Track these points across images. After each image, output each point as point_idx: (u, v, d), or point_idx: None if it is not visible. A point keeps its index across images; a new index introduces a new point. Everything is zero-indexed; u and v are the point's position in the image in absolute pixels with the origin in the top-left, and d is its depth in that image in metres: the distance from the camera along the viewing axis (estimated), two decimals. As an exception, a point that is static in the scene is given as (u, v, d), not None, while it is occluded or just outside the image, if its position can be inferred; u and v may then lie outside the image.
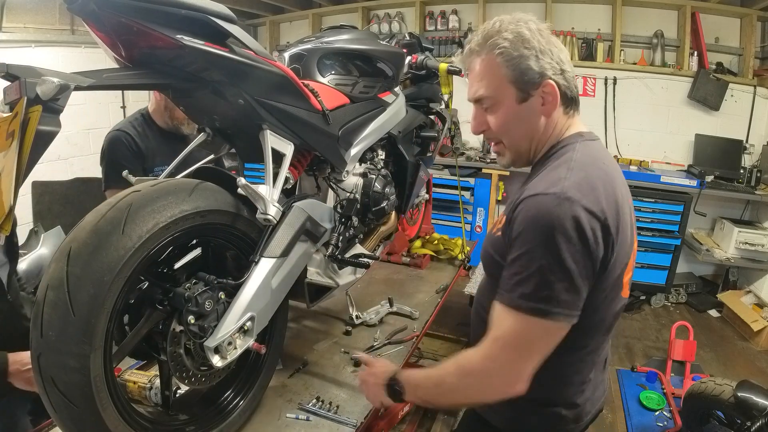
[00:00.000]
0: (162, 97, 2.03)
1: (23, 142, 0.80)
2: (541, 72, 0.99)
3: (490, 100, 1.04)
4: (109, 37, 1.02)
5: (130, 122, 2.10)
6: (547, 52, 0.99)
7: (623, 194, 0.99)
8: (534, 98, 1.01)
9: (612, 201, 0.93)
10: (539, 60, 0.98)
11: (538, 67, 0.98)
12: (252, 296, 1.14)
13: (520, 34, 0.99)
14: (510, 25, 1.00)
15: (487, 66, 1.02)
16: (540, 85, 1.00)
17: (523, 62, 0.98)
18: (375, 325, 1.94)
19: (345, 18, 5.07)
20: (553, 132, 1.06)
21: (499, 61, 1.00)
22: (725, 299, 4.04)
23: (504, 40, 0.99)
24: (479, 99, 1.05)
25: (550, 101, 1.01)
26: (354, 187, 1.65)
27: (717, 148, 4.25)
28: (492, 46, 1.00)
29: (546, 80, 0.99)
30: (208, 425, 1.24)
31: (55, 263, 0.90)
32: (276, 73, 1.21)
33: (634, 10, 4.37)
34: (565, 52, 1.03)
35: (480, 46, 1.02)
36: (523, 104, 1.02)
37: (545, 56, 0.99)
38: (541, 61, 0.98)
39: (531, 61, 0.98)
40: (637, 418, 2.72)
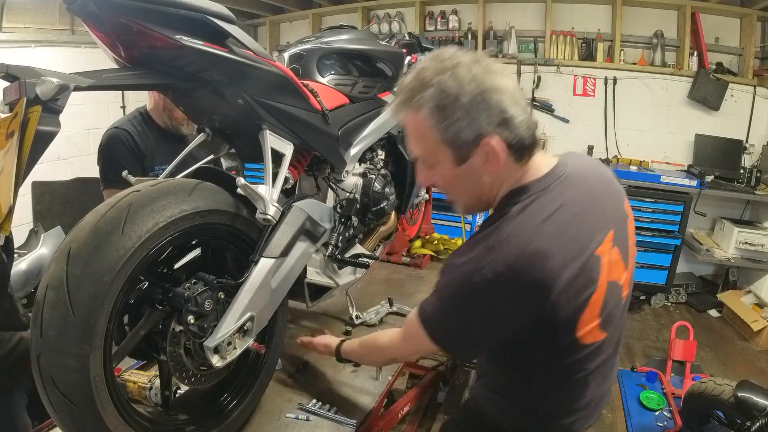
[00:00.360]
0: (161, 96, 2.03)
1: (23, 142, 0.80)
2: (476, 131, 0.88)
3: (427, 160, 0.97)
4: (108, 38, 1.02)
5: (129, 120, 2.09)
6: (481, 103, 0.87)
7: (577, 246, 0.90)
8: (474, 157, 0.92)
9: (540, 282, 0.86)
10: (472, 118, 0.87)
11: (471, 126, 0.88)
12: (252, 296, 1.14)
13: (445, 90, 0.87)
14: (436, 76, 0.88)
15: (417, 126, 0.92)
16: (477, 145, 0.90)
17: (453, 125, 0.88)
18: (375, 325, 1.94)
19: (345, 18, 5.07)
20: (504, 185, 0.98)
21: (427, 123, 0.90)
22: (725, 299, 4.04)
23: (429, 100, 0.88)
24: (417, 158, 0.99)
25: (493, 158, 0.91)
26: (354, 187, 1.65)
27: (717, 148, 4.25)
28: (417, 105, 0.90)
29: (483, 139, 0.89)
30: (207, 425, 1.24)
31: (55, 263, 0.90)
32: (275, 74, 1.21)
33: (634, 10, 4.37)
34: (508, 89, 0.89)
35: (405, 103, 0.93)
36: (463, 165, 0.93)
37: (479, 111, 0.87)
38: (474, 118, 0.87)
39: (462, 122, 0.87)
40: (637, 418, 2.72)
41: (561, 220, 0.90)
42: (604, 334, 1.00)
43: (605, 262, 0.95)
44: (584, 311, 0.94)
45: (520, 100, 0.91)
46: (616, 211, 1.02)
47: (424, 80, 0.89)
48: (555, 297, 0.88)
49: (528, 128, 0.92)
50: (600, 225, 0.96)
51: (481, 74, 0.87)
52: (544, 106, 4.67)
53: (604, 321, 0.98)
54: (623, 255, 1.01)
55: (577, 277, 0.90)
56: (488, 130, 0.88)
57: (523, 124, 0.91)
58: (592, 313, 0.95)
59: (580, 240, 0.92)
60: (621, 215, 1.03)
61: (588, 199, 0.97)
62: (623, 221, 1.04)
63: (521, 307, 0.90)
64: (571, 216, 0.92)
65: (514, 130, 0.90)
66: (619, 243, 0.99)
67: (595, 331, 0.98)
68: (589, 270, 0.92)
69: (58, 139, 0.84)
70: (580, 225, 0.92)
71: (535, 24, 4.61)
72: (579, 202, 0.94)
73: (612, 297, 0.99)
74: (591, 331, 0.97)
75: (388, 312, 2.03)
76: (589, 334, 0.97)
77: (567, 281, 0.88)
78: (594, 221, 0.95)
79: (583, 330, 0.95)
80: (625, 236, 1.03)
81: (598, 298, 0.95)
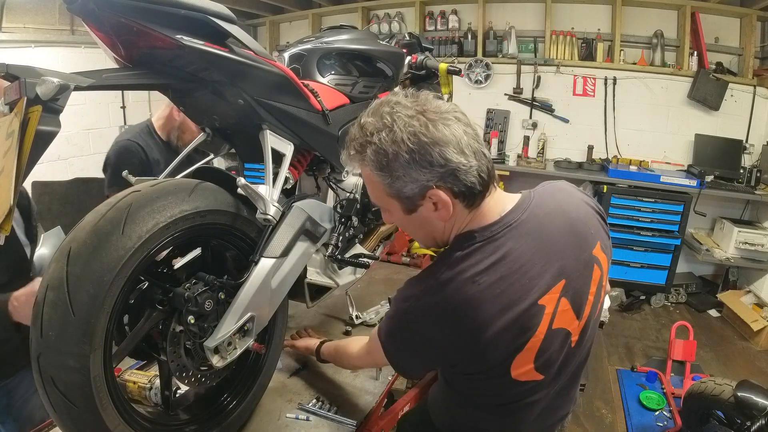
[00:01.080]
0: (180, 115, 2.04)
1: (23, 143, 0.80)
2: (420, 185, 0.88)
3: (382, 206, 1.01)
4: (108, 38, 1.02)
5: (138, 133, 2.12)
6: (421, 159, 0.86)
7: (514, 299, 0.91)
8: (423, 207, 0.93)
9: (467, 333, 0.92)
10: (412, 174, 0.87)
11: (414, 182, 0.88)
12: (252, 296, 1.14)
13: (383, 149, 0.87)
14: (375, 134, 0.88)
15: (366, 177, 0.96)
16: (423, 197, 0.91)
17: (396, 182, 0.89)
18: (375, 325, 1.94)
19: (345, 18, 5.07)
20: (456, 226, 0.98)
21: (373, 178, 0.92)
22: (725, 299, 4.04)
23: (370, 158, 0.89)
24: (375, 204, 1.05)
25: (442, 207, 0.91)
26: (354, 187, 1.65)
27: (717, 148, 4.25)
28: (362, 160, 0.92)
29: (428, 192, 0.89)
30: (208, 425, 1.24)
31: (55, 263, 0.90)
32: (276, 73, 1.21)
33: (633, 10, 4.37)
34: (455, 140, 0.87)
35: (353, 156, 0.94)
36: (413, 214, 0.95)
37: (419, 166, 0.86)
38: (414, 174, 0.87)
39: (403, 179, 0.88)
40: (637, 417, 2.72)
41: (500, 271, 0.91)
42: (541, 376, 1.01)
43: (548, 311, 0.95)
44: (518, 354, 0.95)
45: (468, 147, 0.88)
46: (577, 259, 0.99)
47: (366, 136, 0.90)
48: (485, 342, 0.91)
49: (478, 174, 0.90)
50: (547, 275, 0.94)
51: (421, 128, 0.86)
52: (543, 106, 4.67)
53: (541, 365, 0.99)
54: (577, 305, 0.99)
55: (512, 326, 0.92)
56: (431, 183, 0.89)
57: (471, 172, 0.89)
58: (527, 356, 0.96)
59: (518, 292, 0.92)
60: (583, 263, 1.00)
61: (536, 249, 0.94)
62: (585, 270, 1.00)
63: (452, 344, 0.95)
64: (511, 268, 0.91)
65: (460, 180, 0.89)
66: (572, 294, 0.98)
67: (530, 372, 0.99)
68: (527, 319, 0.93)
69: (58, 139, 0.84)
70: (520, 278, 0.92)
71: (535, 24, 4.61)
72: (524, 253, 0.93)
73: (553, 344, 0.98)
74: (526, 372, 0.99)
75: (388, 312, 2.03)
76: (525, 374, 0.99)
77: (499, 329, 0.91)
78: (538, 273, 0.93)
79: (517, 371, 0.98)
80: (583, 286, 1.00)
81: (534, 345, 0.95)
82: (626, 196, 4.09)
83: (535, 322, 0.94)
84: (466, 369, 1.01)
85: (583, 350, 1.10)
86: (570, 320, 1.00)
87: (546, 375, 1.01)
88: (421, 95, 0.93)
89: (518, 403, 1.05)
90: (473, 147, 0.89)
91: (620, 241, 4.12)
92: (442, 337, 0.95)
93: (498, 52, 4.67)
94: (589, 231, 1.03)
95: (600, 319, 1.14)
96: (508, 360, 0.96)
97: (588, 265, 1.01)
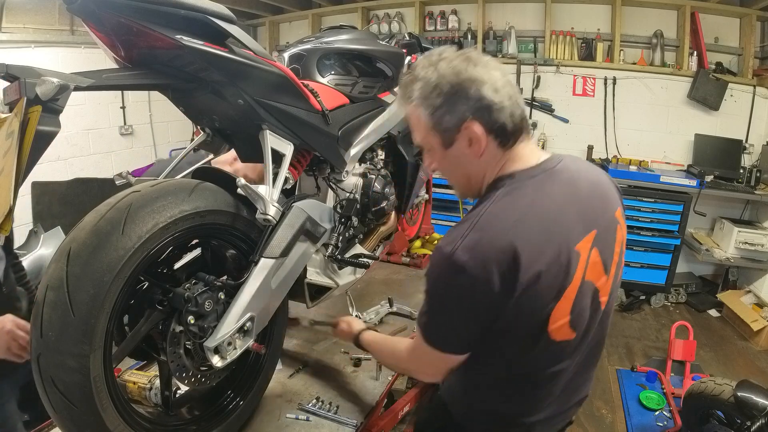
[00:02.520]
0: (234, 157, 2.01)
1: (23, 143, 0.80)
2: (458, 116, 0.96)
3: (424, 146, 1.06)
4: (108, 38, 1.02)
5: None
6: (462, 92, 0.95)
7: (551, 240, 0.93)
8: (458, 142, 0.99)
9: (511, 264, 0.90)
10: (451, 105, 0.96)
11: (452, 112, 0.96)
12: (252, 296, 1.14)
13: (428, 82, 0.97)
14: (422, 71, 0.98)
15: (412, 116, 1.03)
16: (459, 130, 0.97)
17: (436, 111, 0.97)
18: (375, 325, 1.94)
19: (345, 18, 5.07)
20: (491, 169, 1.02)
21: (418, 112, 1.00)
22: (725, 299, 4.04)
23: (417, 92, 0.98)
24: (419, 145, 1.08)
25: (475, 142, 0.98)
26: (354, 187, 1.65)
27: (716, 147, 4.25)
28: (408, 97, 1.01)
29: (464, 123, 0.96)
30: (208, 425, 1.24)
31: (55, 263, 0.90)
32: (275, 74, 1.21)
33: (633, 10, 4.37)
34: (491, 80, 0.95)
35: (402, 98, 1.04)
36: (450, 149, 1.01)
37: (457, 98, 0.95)
38: (453, 106, 0.96)
39: (443, 109, 0.96)
40: (637, 417, 2.72)
41: (542, 212, 0.95)
42: (573, 334, 1.01)
43: (583, 259, 0.97)
44: (558, 303, 0.95)
45: (504, 90, 0.96)
46: (604, 214, 1.03)
47: (414, 75, 0.99)
48: (530, 281, 0.91)
49: (511, 115, 0.97)
50: (581, 223, 0.98)
51: (461, 66, 0.95)
52: (543, 106, 4.67)
53: (575, 319, 0.99)
54: (605, 260, 1.02)
55: (554, 266, 0.93)
56: (467, 116, 0.95)
57: (505, 111, 0.96)
58: (565, 307, 0.97)
59: (559, 234, 0.95)
60: (609, 220, 1.04)
61: (572, 195, 1.00)
62: (611, 227, 1.04)
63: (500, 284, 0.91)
64: (551, 210, 0.96)
65: (493, 116, 0.96)
66: (602, 247, 1.00)
67: (565, 327, 0.99)
68: (567, 263, 0.95)
69: (58, 139, 0.84)
70: (560, 220, 0.96)
71: (535, 24, 4.61)
72: (562, 197, 0.98)
73: (585, 298, 1.00)
74: (562, 327, 0.98)
75: (388, 312, 2.03)
76: (560, 329, 0.98)
77: (544, 267, 0.92)
78: (575, 218, 0.97)
79: (555, 324, 0.97)
80: (610, 243, 1.03)
81: (571, 294, 0.96)
82: (626, 196, 4.04)
83: (573, 268, 0.96)
84: (508, 322, 0.96)
85: (606, 319, 1.10)
86: (599, 274, 1.02)
87: (576, 333, 1.02)
88: (468, 49, 1.02)
89: (544, 372, 1.03)
90: (508, 91, 0.97)
91: (620, 241, 4.11)
92: (488, 276, 0.91)
93: (498, 52, 4.67)
94: (612, 193, 1.09)
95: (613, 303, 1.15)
96: (549, 306, 0.95)
97: (612, 222, 1.05)
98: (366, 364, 1.67)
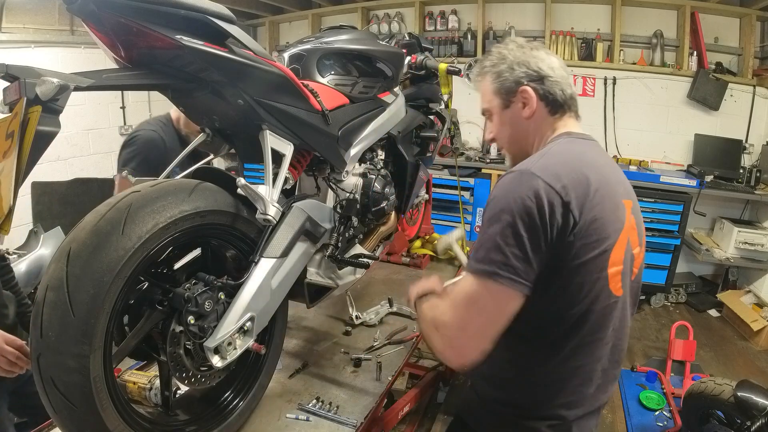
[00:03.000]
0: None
1: (23, 143, 0.80)
2: (516, 80, 1.13)
3: (487, 111, 1.22)
4: (108, 38, 1.02)
5: (161, 127, 2.13)
6: (523, 63, 1.13)
7: (607, 185, 1.03)
8: (514, 104, 1.15)
9: (581, 185, 0.97)
10: (514, 71, 1.13)
11: (513, 76, 1.13)
12: (252, 296, 1.14)
13: (500, 54, 1.16)
14: (496, 49, 1.18)
15: (482, 85, 1.20)
16: (517, 92, 1.13)
17: (500, 75, 1.15)
18: (375, 325, 1.94)
19: (344, 18, 5.07)
20: (541, 133, 1.16)
21: (487, 80, 1.18)
22: (725, 299, 4.04)
23: (488, 61, 1.18)
24: (483, 112, 1.23)
25: (529, 104, 1.13)
26: (354, 188, 1.65)
27: (716, 147, 4.25)
28: (482, 68, 1.20)
29: (521, 87, 1.13)
30: (208, 425, 1.24)
31: (55, 263, 0.90)
32: (275, 74, 1.21)
33: (633, 10, 4.37)
34: (549, 62, 1.13)
35: (477, 71, 1.22)
36: (507, 110, 1.17)
37: (521, 67, 1.13)
38: (516, 71, 1.13)
39: (506, 73, 1.14)
40: (637, 417, 2.72)
41: (596, 160, 1.07)
42: (621, 291, 1.05)
43: (628, 215, 1.07)
44: (615, 246, 1.00)
45: (559, 71, 1.13)
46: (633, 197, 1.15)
47: (490, 53, 1.19)
48: (595, 205, 0.97)
49: (561, 89, 1.13)
50: (621, 186, 1.11)
51: (527, 48, 1.15)
52: (543, 106, 4.67)
53: (624, 271, 1.05)
54: (639, 233, 1.11)
55: (611, 204, 1.02)
56: (524, 81, 1.12)
57: (557, 85, 1.12)
58: (619, 253, 1.02)
59: (608, 182, 1.04)
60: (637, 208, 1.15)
61: (614, 166, 1.14)
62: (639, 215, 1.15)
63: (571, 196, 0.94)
64: (602, 162, 1.09)
65: (546, 86, 1.12)
66: (637, 221, 1.11)
67: (618, 277, 1.03)
68: (619, 210, 1.04)
69: (57, 139, 0.84)
70: (607, 173, 1.07)
71: (535, 24, 4.61)
72: (608, 161, 1.14)
73: (628, 254, 1.06)
74: (616, 276, 1.03)
75: (388, 312, 2.03)
76: (614, 277, 1.02)
77: (603, 200, 0.99)
78: (616, 180, 1.10)
79: (613, 267, 1.01)
80: (641, 225, 1.14)
81: (623, 241, 1.03)
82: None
83: (622, 214, 1.05)
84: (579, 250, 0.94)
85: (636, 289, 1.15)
86: (635, 241, 1.09)
87: (623, 293, 1.07)
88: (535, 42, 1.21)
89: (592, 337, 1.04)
90: (561, 73, 1.14)
91: (620, 241, 4.12)
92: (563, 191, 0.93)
93: (498, 52, 4.67)
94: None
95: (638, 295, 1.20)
96: (607, 246, 0.99)
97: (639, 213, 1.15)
98: (366, 364, 1.67)
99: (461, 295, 0.97)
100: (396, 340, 1.83)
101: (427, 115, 2.14)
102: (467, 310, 0.96)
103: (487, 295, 0.94)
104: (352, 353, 1.70)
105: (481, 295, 0.94)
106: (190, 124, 2.10)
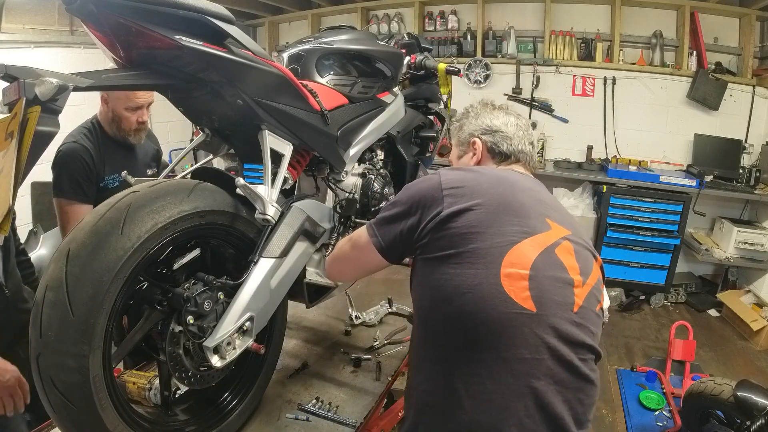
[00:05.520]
0: (108, 107, 2.02)
1: (22, 143, 0.80)
2: (470, 133, 1.32)
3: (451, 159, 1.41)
4: (107, 38, 1.02)
5: (84, 134, 2.01)
6: (480, 119, 1.31)
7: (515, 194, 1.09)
8: (467, 154, 1.33)
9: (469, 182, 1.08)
10: (468, 126, 1.33)
11: (469, 130, 1.32)
12: (251, 296, 1.14)
13: (465, 111, 1.39)
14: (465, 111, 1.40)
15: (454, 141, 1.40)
16: (469, 143, 1.32)
17: (459, 131, 1.36)
18: (374, 325, 1.94)
19: (344, 18, 5.07)
20: None
21: (453, 136, 1.41)
22: (725, 299, 4.04)
23: (456, 124, 1.40)
24: None
25: (478, 154, 1.30)
26: (353, 188, 1.65)
27: (716, 147, 4.25)
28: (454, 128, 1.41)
29: (472, 138, 1.30)
30: (207, 426, 1.24)
31: (54, 263, 0.90)
32: (274, 74, 1.21)
33: (633, 10, 4.37)
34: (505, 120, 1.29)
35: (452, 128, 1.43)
36: (461, 159, 1.35)
37: (473, 122, 1.32)
38: (469, 126, 1.32)
39: (464, 127, 1.34)
40: (636, 417, 2.72)
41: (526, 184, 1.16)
42: (533, 306, 0.95)
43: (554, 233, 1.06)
44: (514, 247, 0.99)
45: (512, 128, 1.29)
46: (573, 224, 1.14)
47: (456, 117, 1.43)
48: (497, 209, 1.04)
49: (508, 145, 1.27)
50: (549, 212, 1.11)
51: (487, 108, 1.35)
52: (543, 106, 4.67)
53: (534, 284, 0.96)
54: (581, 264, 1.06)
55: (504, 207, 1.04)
56: (476, 134, 1.31)
57: (504, 140, 1.28)
58: (525, 256, 0.99)
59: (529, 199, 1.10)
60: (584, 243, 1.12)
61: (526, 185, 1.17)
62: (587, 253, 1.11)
63: (438, 195, 1.07)
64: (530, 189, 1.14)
65: (500, 140, 1.28)
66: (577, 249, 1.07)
67: (522, 283, 0.95)
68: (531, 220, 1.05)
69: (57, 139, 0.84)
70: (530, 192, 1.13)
71: (535, 24, 4.61)
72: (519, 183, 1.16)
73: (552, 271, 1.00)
74: (517, 280, 0.95)
75: (388, 312, 2.03)
76: (515, 282, 0.95)
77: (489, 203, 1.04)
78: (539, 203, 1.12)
79: (508, 268, 0.96)
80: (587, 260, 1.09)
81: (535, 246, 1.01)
82: (626, 196, 4.09)
83: (536, 221, 1.06)
84: (448, 238, 1.01)
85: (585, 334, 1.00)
86: (573, 267, 1.04)
87: (537, 308, 0.95)
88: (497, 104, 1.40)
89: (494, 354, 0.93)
90: (515, 131, 1.29)
91: (620, 241, 4.12)
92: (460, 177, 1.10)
93: (497, 52, 4.67)
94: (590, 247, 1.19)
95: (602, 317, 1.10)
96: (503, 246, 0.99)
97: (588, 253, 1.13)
98: (366, 364, 1.67)
99: (353, 234, 1.28)
100: (396, 340, 1.83)
101: (426, 115, 2.14)
102: (347, 242, 1.30)
103: (359, 240, 1.22)
104: (352, 353, 1.70)
105: (358, 236, 1.23)
106: (120, 124, 2.00)
